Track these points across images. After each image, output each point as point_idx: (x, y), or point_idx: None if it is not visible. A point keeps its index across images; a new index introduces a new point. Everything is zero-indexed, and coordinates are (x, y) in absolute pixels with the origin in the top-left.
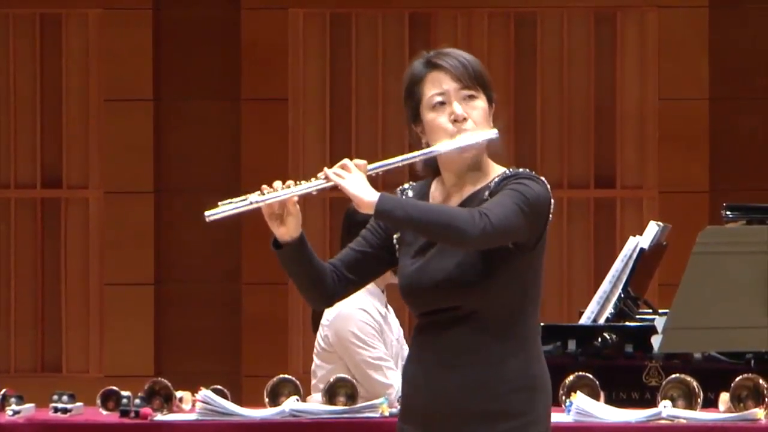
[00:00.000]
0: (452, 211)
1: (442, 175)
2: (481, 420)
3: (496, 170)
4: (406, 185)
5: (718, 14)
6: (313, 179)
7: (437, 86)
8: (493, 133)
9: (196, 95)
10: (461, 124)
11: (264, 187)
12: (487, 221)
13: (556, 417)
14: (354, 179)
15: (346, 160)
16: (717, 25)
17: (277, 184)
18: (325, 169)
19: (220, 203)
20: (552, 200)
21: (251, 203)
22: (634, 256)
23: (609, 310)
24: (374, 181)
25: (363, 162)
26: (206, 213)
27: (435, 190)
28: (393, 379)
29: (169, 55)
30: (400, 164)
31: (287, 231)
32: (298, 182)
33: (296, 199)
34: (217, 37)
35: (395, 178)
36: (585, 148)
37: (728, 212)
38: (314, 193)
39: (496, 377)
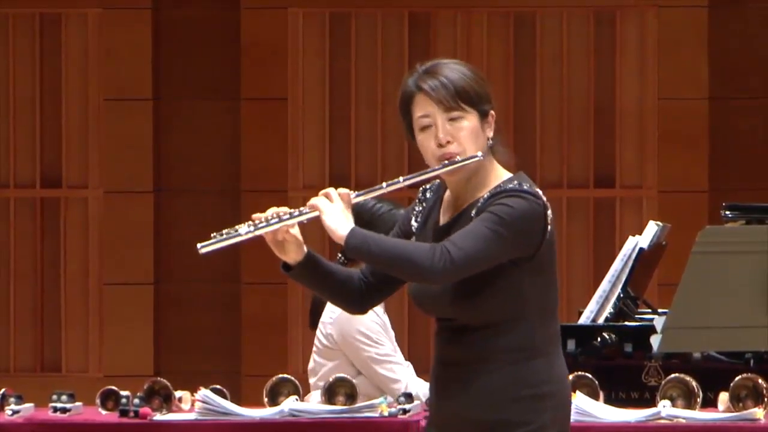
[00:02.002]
0: (412, 250)
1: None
2: (483, 430)
3: (497, 179)
4: (428, 185)
5: (718, 14)
6: (302, 208)
7: (422, 109)
8: (475, 156)
9: (195, 95)
10: (445, 147)
11: (255, 216)
12: (447, 258)
13: None
14: (332, 211)
15: (329, 190)
16: (716, 24)
17: (269, 212)
18: (311, 199)
19: (212, 234)
20: (547, 212)
21: (241, 235)
22: (634, 255)
23: (608, 309)
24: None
25: (346, 191)
26: (199, 245)
27: (448, 195)
28: (401, 374)
29: (169, 54)
30: (385, 191)
31: (289, 255)
32: (289, 210)
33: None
34: (216, 36)
35: (394, 177)
36: (584, 148)
37: (727, 212)
38: (305, 222)
39: (498, 387)
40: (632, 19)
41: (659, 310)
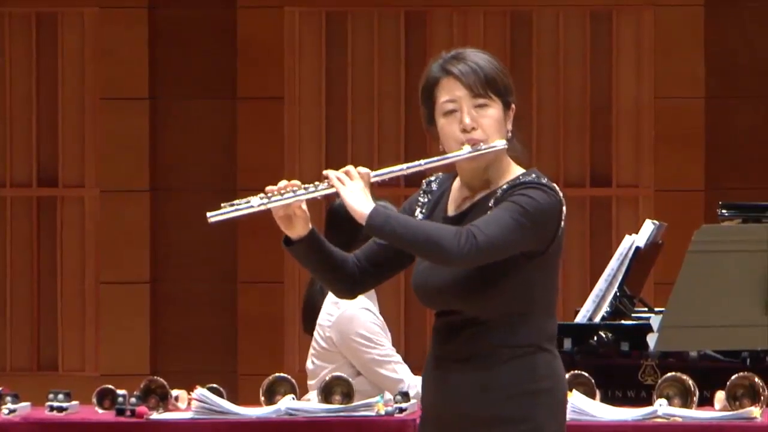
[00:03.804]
0: (438, 231)
1: (459, 175)
2: (479, 426)
3: (512, 173)
4: (433, 176)
5: (714, 13)
6: (317, 183)
7: (449, 93)
8: (500, 143)
9: (192, 94)
10: (470, 133)
11: (268, 188)
12: (473, 242)
13: None
14: (353, 188)
15: (350, 167)
16: (712, 23)
17: (282, 184)
18: (328, 171)
19: (222, 204)
20: (563, 207)
21: (254, 207)
22: (630, 254)
23: (605, 308)
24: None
25: (366, 170)
26: (209, 214)
27: (456, 187)
28: (402, 373)
29: (165, 53)
30: (405, 172)
31: (295, 231)
32: (303, 185)
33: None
34: (213, 35)
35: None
36: (581, 147)
37: (724, 211)
38: (319, 198)
39: (496, 382)
40: (629, 18)
41: (656, 309)
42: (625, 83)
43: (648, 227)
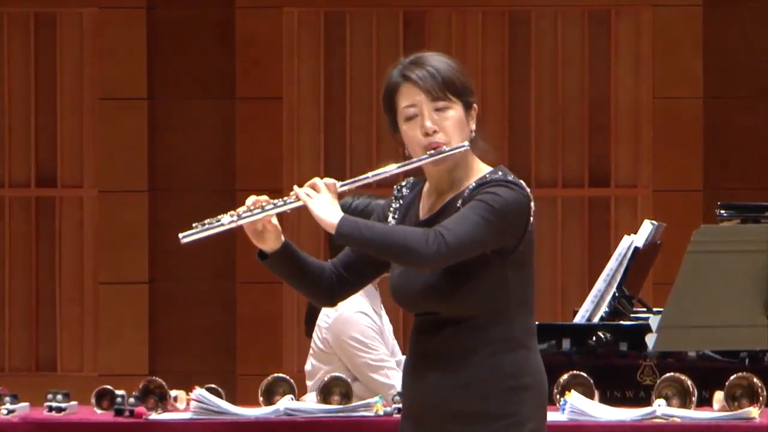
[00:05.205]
0: (406, 234)
1: (427, 179)
2: (462, 421)
3: (479, 172)
4: (404, 182)
5: (713, 13)
6: (285, 198)
7: (409, 98)
8: (462, 145)
9: (190, 94)
10: (432, 137)
11: (243, 206)
12: (441, 242)
13: (551, 416)
14: (320, 200)
15: (315, 180)
16: (711, 23)
17: (250, 201)
18: (295, 187)
19: (194, 224)
20: (531, 203)
21: (224, 225)
22: (629, 254)
23: (603, 308)
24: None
25: (332, 181)
26: (180, 235)
27: (426, 190)
28: (395, 379)
29: (164, 54)
30: (371, 180)
31: (267, 244)
32: (271, 200)
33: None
34: (211, 36)
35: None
36: (579, 147)
37: (722, 211)
38: (288, 212)
39: (479, 379)
40: (627, 18)
41: (654, 309)
42: (624, 83)
43: (647, 227)
